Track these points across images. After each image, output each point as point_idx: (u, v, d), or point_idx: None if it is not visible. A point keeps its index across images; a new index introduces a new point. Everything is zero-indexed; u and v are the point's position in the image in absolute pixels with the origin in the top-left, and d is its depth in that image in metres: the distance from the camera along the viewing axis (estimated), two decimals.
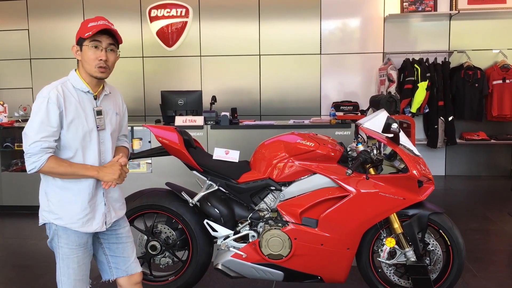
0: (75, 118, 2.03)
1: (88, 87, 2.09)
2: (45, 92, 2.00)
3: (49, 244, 2.14)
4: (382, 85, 6.69)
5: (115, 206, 2.22)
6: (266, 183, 2.91)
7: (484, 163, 6.96)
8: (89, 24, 2.04)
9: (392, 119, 2.74)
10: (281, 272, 2.87)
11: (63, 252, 2.07)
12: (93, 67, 2.05)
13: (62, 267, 2.08)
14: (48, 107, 1.96)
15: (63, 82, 2.07)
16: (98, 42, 2.05)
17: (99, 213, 2.13)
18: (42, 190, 2.11)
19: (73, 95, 2.05)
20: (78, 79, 2.09)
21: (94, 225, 2.11)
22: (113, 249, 2.24)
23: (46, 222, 2.09)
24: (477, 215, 4.99)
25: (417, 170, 2.73)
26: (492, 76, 6.57)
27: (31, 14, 7.25)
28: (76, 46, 2.09)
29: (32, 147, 1.93)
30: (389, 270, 2.92)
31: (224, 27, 7.02)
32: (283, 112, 6.97)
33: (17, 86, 7.35)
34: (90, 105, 2.10)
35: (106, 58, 2.06)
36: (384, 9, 6.81)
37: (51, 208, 2.06)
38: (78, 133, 2.04)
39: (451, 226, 2.84)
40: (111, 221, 2.20)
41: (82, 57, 2.07)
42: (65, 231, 2.06)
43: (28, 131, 1.96)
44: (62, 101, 1.99)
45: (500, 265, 3.71)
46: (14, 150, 5.51)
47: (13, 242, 4.42)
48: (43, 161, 1.93)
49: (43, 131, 1.94)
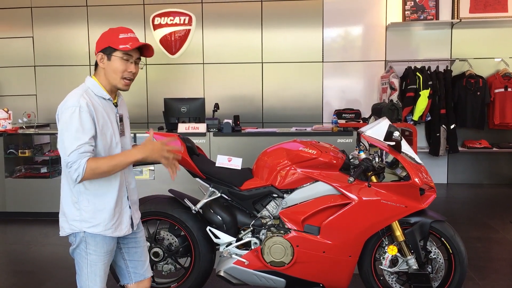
0: (104, 124, 2.03)
1: (108, 94, 2.10)
2: (74, 101, 1.96)
3: (73, 251, 2.12)
4: (384, 93, 6.71)
5: (136, 209, 2.27)
6: (269, 190, 2.93)
7: (486, 171, 6.96)
8: (120, 35, 2.04)
9: (394, 127, 2.76)
10: (283, 279, 2.88)
11: (91, 259, 2.07)
12: (119, 78, 2.06)
13: (89, 273, 2.08)
14: (81, 115, 1.93)
15: (85, 90, 2.04)
16: (130, 56, 2.06)
17: (126, 216, 2.15)
18: (69, 200, 2.06)
19: (98, 102, 2.04)
20: (98, 86, 2.07)
21: (123, 228, 2.14)
22: (132, 253, 2.27)
23: (76, 231, 2.06)
24: (479, 223, 4.99)
25: (419, 178, 2.74)
26: (494, 84, 6.59)
27: (35, 22, 7.31)
28: (102, 54, 2.06)
29: (70, 157, 1.90)
30: (391, 278, 2.92)
31: (227, 35, 7.07)
32: (285, 119, 7.00)
33: (21, 93, 7.40)
34: (112, 112, 2.11)
35: (135, 71, 2.09)
36: (386, 17, 6.85)
37: (84, 217, 2.04)
38: (107, 139, 2.05)
39: (453, 234, 2.85)
40: (137, 223, 2.24)
41: (108, 66, 2.05)
42: (93, 238, 2.06)
43: (65, 142, 1.93)
44: (92, 108, 1.98)
45: (502, 274, 3.70)
46: (18, 157, 5.53)
47: (16, 248, 4.43)
48: (83, 166, 1.89)
49: (79, 139, 1.91)
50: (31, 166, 5.64)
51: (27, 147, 5.58)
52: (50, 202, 5.32)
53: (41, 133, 5.89)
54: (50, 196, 5.31)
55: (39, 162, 5.80)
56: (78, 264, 2.13)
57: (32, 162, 5.78)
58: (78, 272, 2.14)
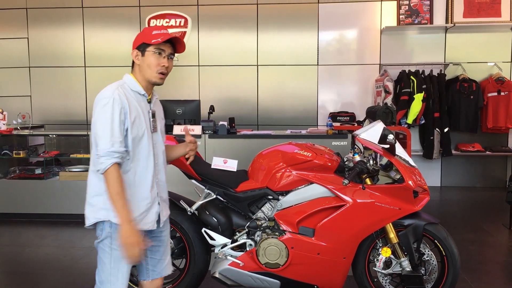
0: (136, 117, 2.08)
1: (144, 90, 2.17)
2: (108, 93, 2.04)
3: (97, 244, 2.14)
4: (378, 96, 6.76)
5: (165, 205, 2.29)
6: (264, 192, 2.95)
7: (479, 175, 7.02)
8: (154, 31, 2.13)
9: (388, 130, 2.79)
10: (278, 281, 2.89)
11: (115, 254, 2.09)
12: (154, 73, 2.13)
13: (112, 268, 2.10)
14: (113, 106, 2.01)
15: (121, 84, 2.13)
16: (162, 50, 2.13)
17: (153, 211, 2.17)
18: (97, 190, 2.09)
19: (132, 96, 2.12)
20: (135, 82, 2.16)
21: (148, 223, 2.16)
22: (154, 251, 2.27)
23: (102, 220, 2.09)
24: (472, 226, 5.03)
25: (413, 180, 2.77)
26: (487, 88, 6.65)
27: (30, 23, 7.30)
28: (137, 51, 2.15)
29: (101, 151, 1.98)
30: (385, 279, 2.94)
31: (222, 37, 7.09)
32: (281, 122, 7.02)
33: (16, 94, 7.38)
34: (145, 108, 2.16)
35: (168, 65, 2.15)
36: (381, 21, 6.90)
37: (109, 205, 2.05)
38: (139, 132, 2.09)
39: (446, 237, 2.88)
40: (165, 218, 2.26)
41: (143, 61, 2.14)
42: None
43: (99, 132, 2.01)
44: (125, 100, 2.05)
45: (495, 276, 3.74)
46: (12, 158, 5.52)
47: (10, 250, 4.42)
48: (106, 166, 1.97)
49: (113, 131, 1.99)
50: (26, 167, 5.62)
51: (21, 148, 5.57)
52: (45, 204, 5.31)
53: (35, 134, 5.88)
54: (45, 198, 5.30)
55: (33, 163, 5.79)
56: (100, 259, 2.14)
57: (26, 163, 5.76)
58: (100, 267, 2.14)
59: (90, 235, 4.78)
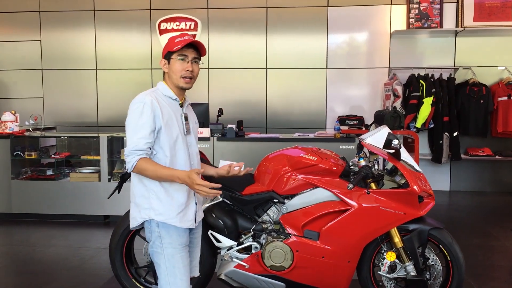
0: (169, 119, 2.20)
1: (175, 95, 2.28)
2: (141, 98, 2.18)
3: (151, 251, 2.24)
4: (387, 99, 6.75)
5: (200, 207, 2.39)
6: (270, 195, 2.98)
7: (489, 179, 6.98)
8: (176, 39, 2.25)
9: (393, 135, 2.80)
10: (283, 283, 2.92)
11: (167, 253, 2.19)
12: (179, 77, 2.25)
13: (168, 267, 2.19)
14: (143, 110, 2.13)
15: (154, 90, 2.27)
16: (185, 56, 2.23)
17: (191, 210, 2.28)
18: (141, 192, 2.22)
19: (164, 100, 2.25)
20: (166, 87, 2.29)
21: (188, 221, 2.26)
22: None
23: (146, 219, 2.20)
24: (480, 231, 5.01)
25: (418, 185, 2.78)
26: (497, 92, 6.61)
27: (43, 26, 7.42)
28: (164, 60, 2.29)
29: (127, 150, 2.13)
30: (390, 284, 2.95)
31: (232, 40, 7.14)
32: (289, 125, 7.05)
33: (28, 96, 7.50)
34: (178, 112, 2.29)
35: (192, 69, 2.24)
36: (390, 25, 6.90)
37: (152, 205, 2.19)
38: (172, 134, 2.20)
39: (451, 241, 2.88)
40: (199, 219, 2.37)
41: (169, 69, 2.27)
42: (167, 231, 2.19)
43: (128, 133, 2.16)
44: (157, 104, 2.17)
45: (501, 281, 3.73)
46: (24, 159, 5.61)
47: (21, 250, 4.49)
48: (133, 163, 2.11)
49: (137, 133, 2.13)
50: (37, 168, 5.72)
51: (33, 150, 5.66)
52: (55, 204, 5.39)
53: (47, 135, 5.97)
54: (56, 198, 5.38)
55: (45, 165, 5.88)
56: (156, 264, 2.23)
57: (38, 164, 5.85)
58: (158, 272, 2.23)
59: (99, 235, 4.86)
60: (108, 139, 5.34)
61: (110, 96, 7.36)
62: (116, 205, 5.08)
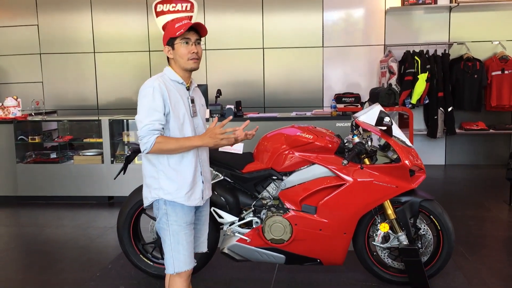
0: (176, 103, 2.29)
1: (182, 79, 2.37)
2: (149, 83, 2.27)
3: (158, 227, 2.37)
4: (383, 77, 6.85)
5: (208, 185, 2.49)
6: (269, 173, 3.12)
7: (483, 153, 7.13)
8: (176, 25, 2.31)
9: (385, 113, 2.92)
10: (283, 255, 3.08)
11: (173, 229, 2.31)
12: (187, 60, 2.32)
13: (173, 242, 2.32)
14: (153, 94, 2.22)
15: (161, 76, 2.35)
16: (188, 39, 2.32)
17: (198, 189, 2.38)
18: (151, 173, 2.34)
19: (172, 85, 2.33)
20: (173, 72, 2.37)
21: (196, 199, 2.37)
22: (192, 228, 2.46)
23: (156, 199, 2.33)
24: (473, 202, 5.17)
25: (409, 160, 2.92)
26: (491, 67, 6.70)
27: (40, 10, 7.44)
28: (168, 47, 2.36)
29: (143, 131, 2.20)
30: (384, 253, 3.12)
31: (228, 21, 7.18)
32: (287, 103, 7.15)
33: (28, 81, 7.57)
34: (184, 95, 2.37)
35: (197, 50, 2.34)
36: (385, 2, 6.94)
37: (161, 185, 2.31)
38: (180, 117, 2.30)
39: (441, 212, 3.04)
40: (207, 197, 2.48)
41: (175, 54, 2.34)
42: (173, 209, 2.31)
43: (139, 117, 2.24)
44: (165, 88, 2.26)
45: (492, 249, 3.90)
46: (28, 143, 5.73)
47: (30, 230, 4.65)
48: (152, 142, 2.19)
49: (151, 115, 2.20)
50: (41, 152, 5.85)
51: (36, 134, 5.78)
52: (61, 186, 5.53)
53: (49, 119, 6.09)
54: (61, 181, 5.52)
55: (48, 148, 6.00)
56: (162, 240, 2.36)
57: (42, 148, 5.98)
58: (164, 247, 2.36)
59: (105, 215, 5.01)
60: (110, 122, 5.45)
61: (109, 79, 7.43)
62: (120, 186, 5.23)
